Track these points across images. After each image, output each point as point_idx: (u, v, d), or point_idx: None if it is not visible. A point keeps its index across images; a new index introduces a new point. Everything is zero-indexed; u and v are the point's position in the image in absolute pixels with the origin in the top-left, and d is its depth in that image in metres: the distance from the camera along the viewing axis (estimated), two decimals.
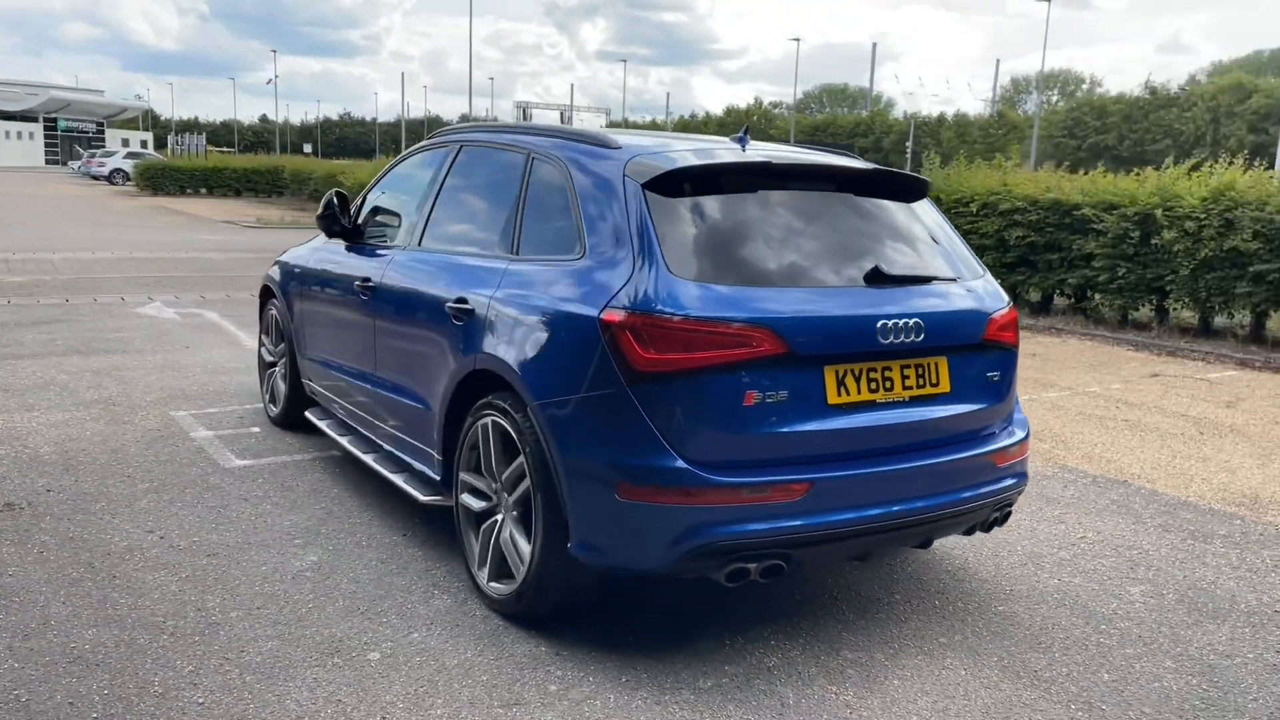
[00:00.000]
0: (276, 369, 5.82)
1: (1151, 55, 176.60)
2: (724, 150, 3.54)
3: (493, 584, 3.49)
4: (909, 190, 3.66)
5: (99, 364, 7.29)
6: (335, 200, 4.87)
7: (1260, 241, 9.59)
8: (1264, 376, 8.74)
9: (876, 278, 3.26)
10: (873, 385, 3.15)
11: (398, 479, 4.15)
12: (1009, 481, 3.48)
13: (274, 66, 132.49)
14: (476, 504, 3.60)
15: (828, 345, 3.06)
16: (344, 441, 4.75)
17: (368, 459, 4.45)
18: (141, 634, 3.25)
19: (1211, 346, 10.00)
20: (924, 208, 3.68)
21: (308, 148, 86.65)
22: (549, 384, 3.14)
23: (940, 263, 3.52)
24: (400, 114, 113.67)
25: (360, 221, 5.00)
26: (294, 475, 4.93)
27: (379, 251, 4.64)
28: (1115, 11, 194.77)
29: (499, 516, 3.50)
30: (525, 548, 3.32)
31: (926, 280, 3.40)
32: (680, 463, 2.90)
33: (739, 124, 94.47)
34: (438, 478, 3.89)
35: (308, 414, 5.29)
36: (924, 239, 3.56)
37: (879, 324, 3.13)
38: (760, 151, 3.59)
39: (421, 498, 3.93)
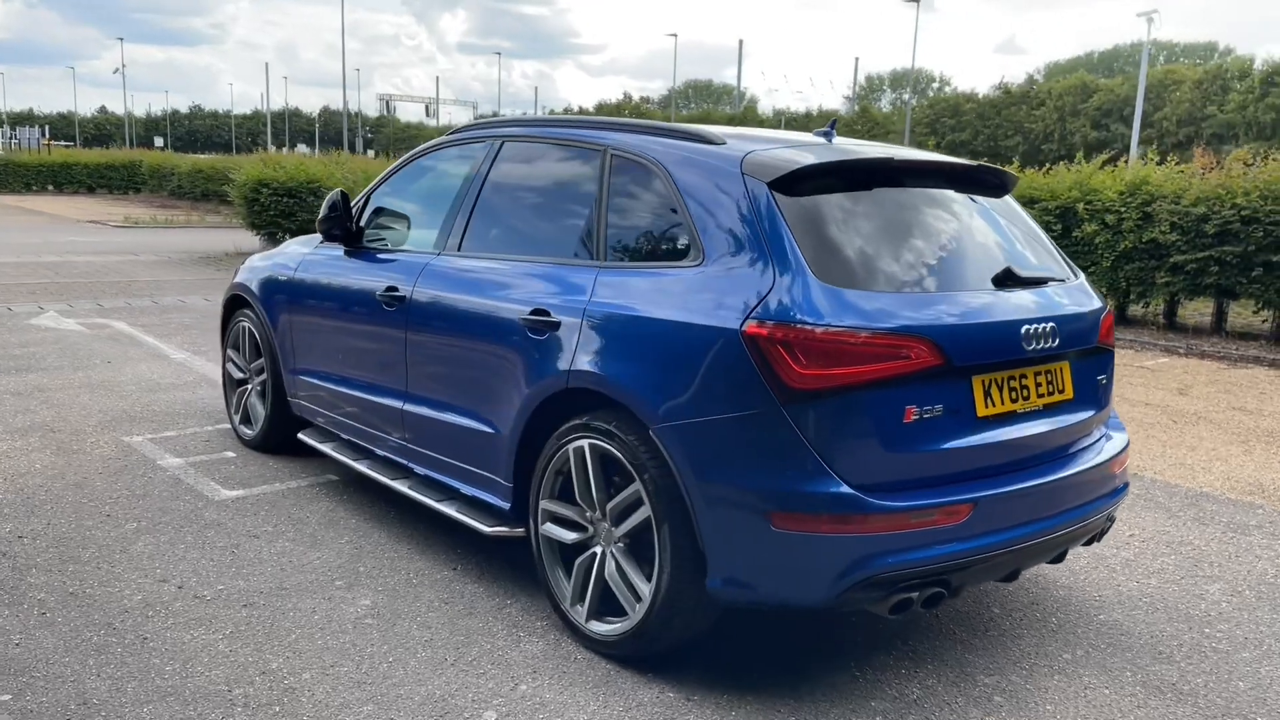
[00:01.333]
0: (250, 387, 5.29)
1: (991, 55, 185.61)
2: (825, 146, 3.30)
3: (595, 624, 3.17)
4: (1002, 185, 3.51)
5: (14, 384, 6.51)
6: (341, 201, 4.42)
7: (1178, 234, 9.99)
8: (1194, 363, 9.11)
9: (1006, 280, 3.10)
10: (1013, 395, 2.98)
11: (446, 508, 3.77)
12: (1122, 488, 3.38)
13: (120, 55, 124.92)
14: (567, 535, 3.27)
15: (979, 354, 2.87)
16: (360, 466, 4.30)
17: (400, 486, 4.03)
18: (210, 709, 2.80)
19: (1134, 334, 10.39)
20: (1012, 203, 3.55)
21: (159, 141, 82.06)
22: (677, 404, 2.85)
23: (1050, 262, 3.39)
24: (258, 106, 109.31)
25: (362, 225, 4.56)
26: (299, 506, 4.45)
27: (399, 258, 4.22)
28: (955, 13, 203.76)
29: (597, 549, 3.18)
30: (642, 584, 3.02)
31: (1045, 281, 3.26)
32: (844, 488, 2.66)
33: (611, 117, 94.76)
34: (506, 506, 3.53)
35: (302, 436, 4.80)
36: (1026, 236, 3.42)
37: (1022, 329, 2.96)
38: (855, 147, 3.38)
39: (485, 529, 3.57)
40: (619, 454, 3.02)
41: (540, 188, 3.79)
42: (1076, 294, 3.32)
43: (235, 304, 5.38)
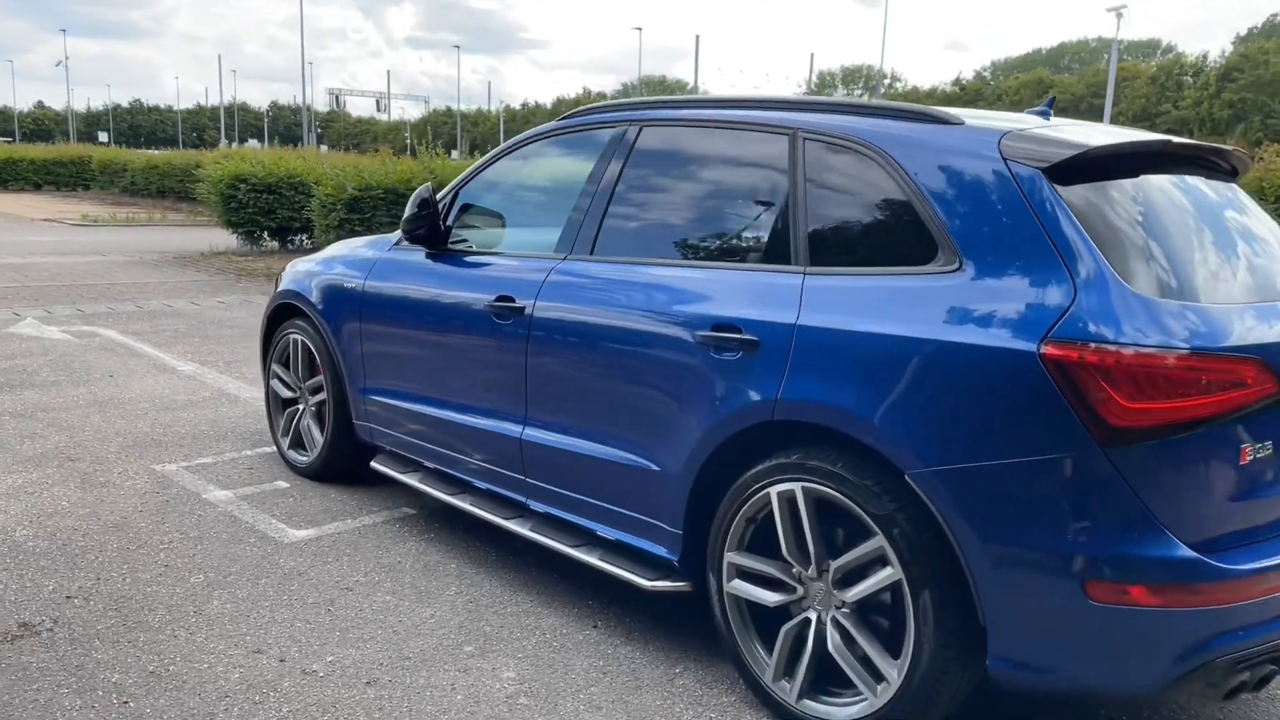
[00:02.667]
0: (303, 408, 4.67)
1: (939, 52, 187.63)
2: (1067, 125, 2.79)
3: (811, 703, 2.64)
4: (1235, 172, 3.03)
5: (11, 404, 5.80)
6: (431, 198, 3.82)
7: None
8: None
9: None
10: None
11: (589, 557, 3.21)
12: None
13: (64, 47, 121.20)
14: (767, 597, 2.73)
15: None
16: (460, 503, 3.72)
17: (519, 528, 3.46)
18: None
19: None
20: (1240, 191, 3.06)
21: (103, 136, 79.52)
22: (948, 444, 2.32)
23: None
24: (201, 101, 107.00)
25: (449, 224, 3.98)
26: (384, 548, 3.86)
27: (506, 263, 3.64)
28: (902, 10, 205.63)
29: (810, 614, 2.65)
30: (884, 660, 2.49)
31: None
32: (1184, 549, 2.16)
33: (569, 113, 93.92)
34: (671, 556, 2.99)
35: (376, 465, 4.20)
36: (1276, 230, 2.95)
37: None
38: (1105, 128, 2.87)
39: (644, 583, 3.02)
40: (849, 502, 2.49)
41: (702, 179, 3.24)
42: None
43: (283, 314, 4.75)
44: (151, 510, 4.16)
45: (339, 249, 4.71)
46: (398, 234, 4.25)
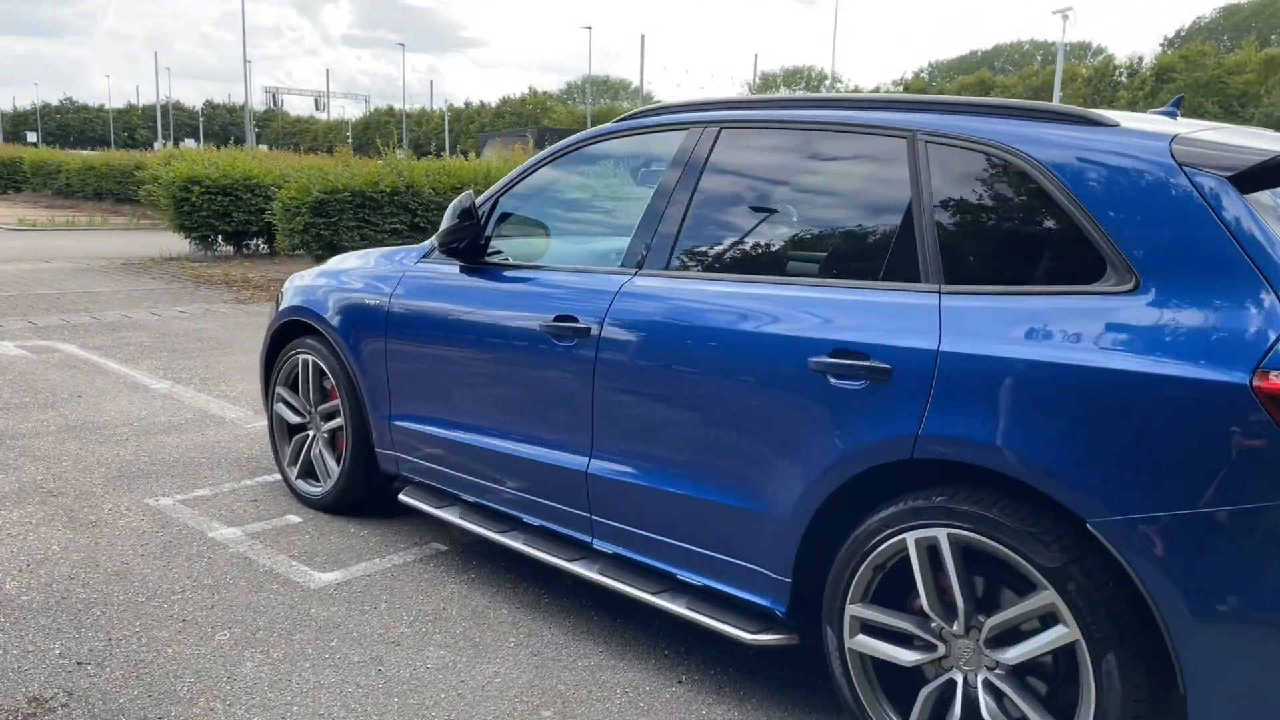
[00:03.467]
0: (314, 435, 4.28)
1: (876, 53, 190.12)
2: (1213, 127, 2.54)
3: None
4: None
5: None
6: (475, 208, 3.47)
7: None
8: None
9: None
10: None
11: (675, 606, 2.90)
12: None
13: None
14: (902, 655, 2.44)
15: None
16: (513, 543, 3.38)
17: (588, 572, 3.13)
18: None
19: None
20: None
21: (32, 136, 76.82)
22: (1139, 488, 2.05)
23: None
24: (132, 100, 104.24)
25: (487, 236, 3.63)
26: (424, 592, 3.50)
27: (561, 278, 3.32)
28: (839, 10, 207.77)
29: (956, 675, 2.37)
30: None
31: None
32: None
33: (515, 113, 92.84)
34: (778, 608, 2.69)
35: (406, 498, 3.83)
36: None
37: None
38: (1229, 131, 2.64)
39: (747, 636, 2.71)
40: (1009, 551, 2.21)
41: (800, 187, 2.94)
42: None
43: (289, 331, 4.36)
44: (154, 553, 3.74)
45: (351, 261, 4.34)
46: (425, 245, 3.90)
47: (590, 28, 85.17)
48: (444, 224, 3.50)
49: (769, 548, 2.67)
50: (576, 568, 3.18)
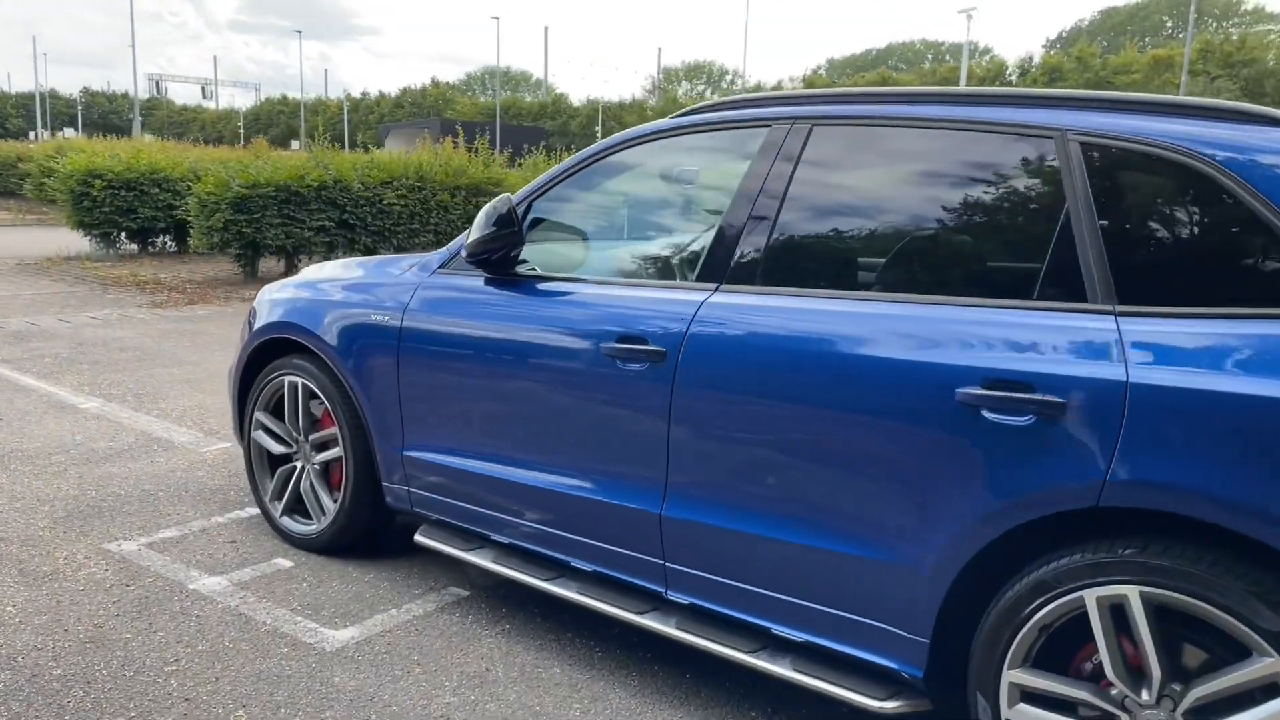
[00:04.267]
0: (303, 467, 3.80)
1: (774, 49, 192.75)
2: None
3: None
4: None
5: None
6: (517, 215, 3.05)
7: None
8: None
9: None
10: None
11: (775, 666, 2.56)
12: None
13: None
14: None
15: None
16: (566, 592, 2.98)
17: (667, 628, 2.76)
18: None
19: None
20: None
21: None
22: None
23: None
24: (3, 87, 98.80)
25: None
26: (457, 648, 3.08)
27: (622, 293, 2.93)
28: (738, 6, 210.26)
29: None
30: None
31: None
32: None
33: (415, 104, 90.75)
34: (912, 671, 2.37)
35: (424, 539, 3.40)
36: None
37: None
38: None
39: (873, 703, 2.39)
40: (1220, 612, 1.94)
41: (919, 192, 2.61)
42: None
43: (269, 350, 3.86)
44: (131, 612, 3.23)
45: (333, 271, 3.87)
46: (439, 254, 3.47)
47: (498, 18, 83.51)
48: (476, 232, 3.08)
49: (903, 604, 2.35)
50: (648, 622, 2.81)
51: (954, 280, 2.48)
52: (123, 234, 13.36)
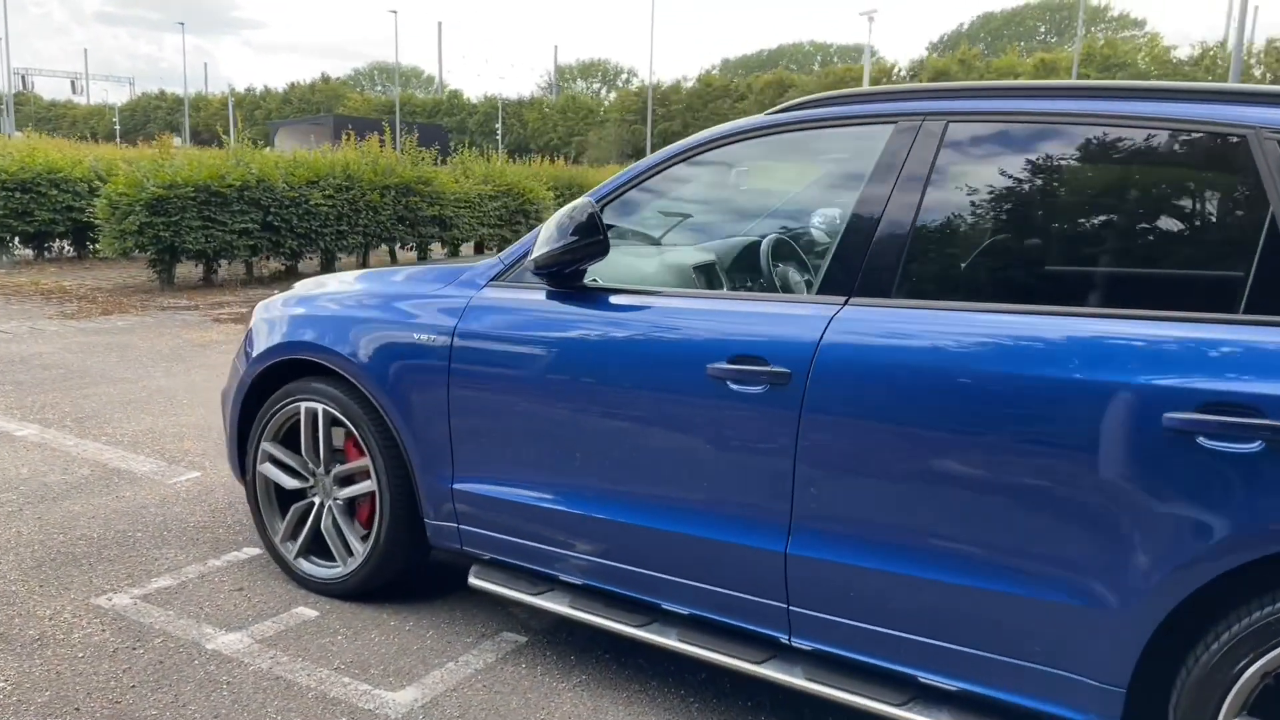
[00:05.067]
0: (322, 503, 3.39)
1: (671, 48, 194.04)
2: None
3: None
4: None
5: None
6: (603, 223, 2.72)
7: None
8: None
9: None
10: None
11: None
12: None
13: None
14: None
15: None
16: (666, 640, 2.68)
17: (792, 679, 2.49)
18: None
19: None
20: None
21: None
22: None
23: None
24: None
25: None
26: (537, 708, 2.74)
27: (723, 307, 2.65)
28: (633, 7, 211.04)
29: None
30: None
31: None
32: None
33: (303, 99, 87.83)
34: None
35: (479, 581, 3.04)
36: None
37: None
38: None
39: None
40: None
41: (1080, 194, 2.40)
42: None
43: (281, 373, 3.44)
44: (148, 681, 2.79)
45: (346, 285, 3.47)
46: (486, 265, 3.12)
47: (395, 11, 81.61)
48: (549, 244, 2.75)
49: (1093, 651, 2.14)
50: (770, 671, 2.53)
51: (1124, 291, 2.28)
52: (16, 238, 12.37)
